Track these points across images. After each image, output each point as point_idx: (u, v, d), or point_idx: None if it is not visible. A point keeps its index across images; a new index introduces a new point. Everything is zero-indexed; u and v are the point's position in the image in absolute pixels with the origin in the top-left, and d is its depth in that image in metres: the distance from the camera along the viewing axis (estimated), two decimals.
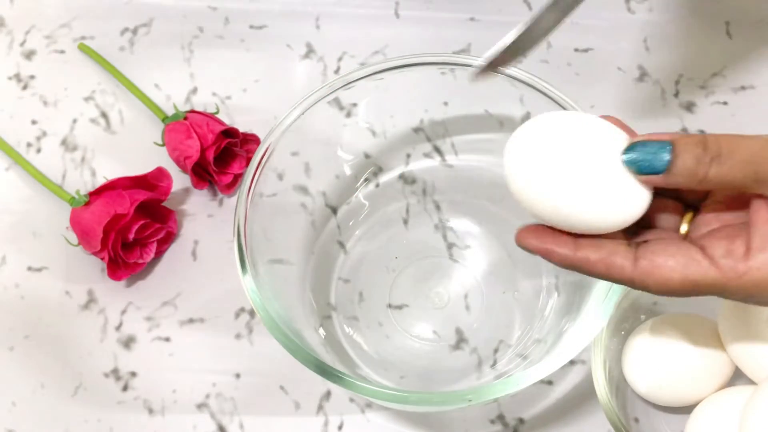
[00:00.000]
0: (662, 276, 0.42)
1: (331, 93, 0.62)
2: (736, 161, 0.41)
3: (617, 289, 0.54)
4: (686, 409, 0.58)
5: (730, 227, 0.43)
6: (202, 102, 0.74)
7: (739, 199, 0.44)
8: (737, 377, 0.59)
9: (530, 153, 0.44)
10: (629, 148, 0.43)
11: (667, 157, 0.41)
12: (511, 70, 0.60)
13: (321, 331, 0.63)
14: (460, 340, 0.64)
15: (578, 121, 0.44)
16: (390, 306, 0.65)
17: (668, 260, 0.42)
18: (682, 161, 0.41)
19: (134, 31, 0.77)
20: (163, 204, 0.68)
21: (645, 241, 0.44)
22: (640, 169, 0.42)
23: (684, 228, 0.45)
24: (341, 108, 0.63)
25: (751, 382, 0.57)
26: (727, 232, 0.43)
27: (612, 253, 0.43)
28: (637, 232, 0.46)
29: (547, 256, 0.44)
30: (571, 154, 0.43)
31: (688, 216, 0.45)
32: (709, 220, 0.45)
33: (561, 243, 0.44)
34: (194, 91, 0.74)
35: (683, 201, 0.46)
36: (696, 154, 0.41)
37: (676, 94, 0.73)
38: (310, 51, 0.76)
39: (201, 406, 0.64)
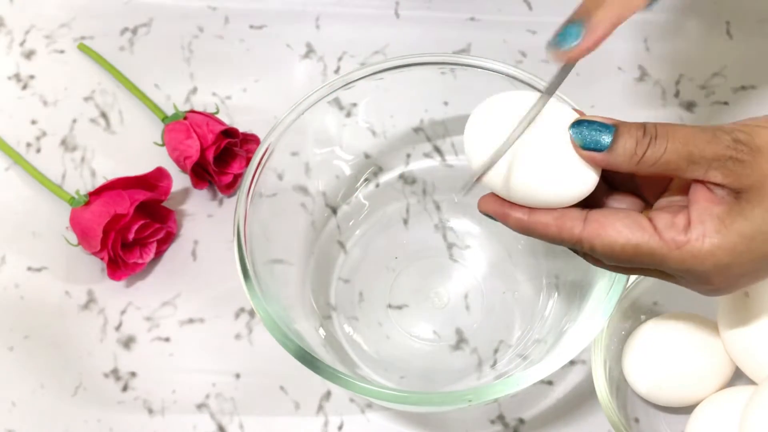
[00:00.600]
0: (608, 236, 0.44)
1: (331, 93, 0.62)
2: (671, 143, 0.43)
3: (617, 289, 0.54)
4: (686, 409, 0.58)
5: (677, 206, 0.45)
6: (202, 102, 0.74)
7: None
8: (737, 377, 0.58)
9: (486, 132, 0.46)
10: (576, 123, 0.45)
11: (609, 137, 0.44)
12: (511, 70, 0.60)
13: (321, 331, 0.63)
14: (460, 340, 0.64)
15: (530, 100, 0.46)
16: (390, 306, 0.65)
17: (616, 222, 0.44)
18: (623, 141, 0.44)
19: (134, 31, 0.77)
20: (163, 204, 0.68)
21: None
22: (584, 144, 0.45)
23: None
24: (341, 108, 0.63)
25: (751, 382, 0.57)
26: (672, 209, 0.45)
27: (563, 214, 0.45)
28: None
29: (504, 219, 0.47)
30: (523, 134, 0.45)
31: (646, 212, 0.46)
32: (661, 205, 0.47)
33: (516, 208, 0.46)
34: (194, 91, 0.74)
35: (642, 198, 0.48)
36: (636, 136, 0.44)
37: (676, 94, 0.73)
38: (310, 51, 0.76)
39: (201, 406, 0.64)
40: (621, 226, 0.44)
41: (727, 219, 0.42)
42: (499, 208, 0.47)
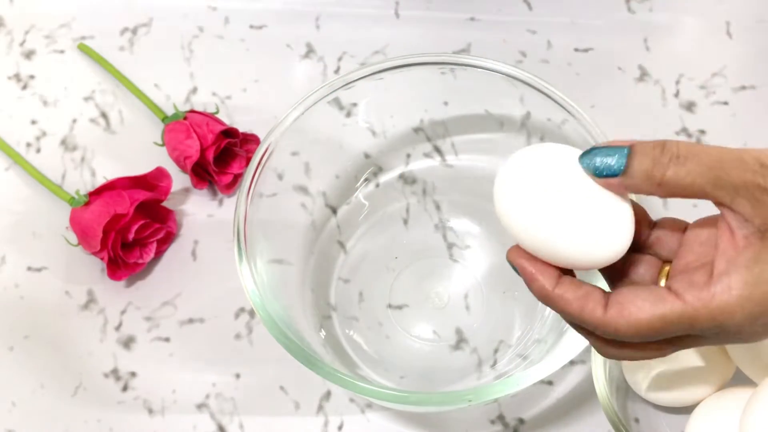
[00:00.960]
0: (631, 315, 0.41)
1: (331, 93, 0.62)
2: (696, 164, 0.40)
3: None
4: (686, 410, 0.58)
5: (693, 265, 0.43)
6: (202, 102, 0.74)
7: (706, 242, 0.44)
8: (737, 377, 0.58)
9: (516, 187, 0.44)
10: (587, 152, 0.43)
11: (623, 159, 0.41)
12: (511, 70, 0.60)
13: (321, 331, 0.63)
14: (460, 340, 0.64)
15: (566, 155, 0.44)
16: (390, 306, 0.65)
17: (636, 300, 0.42)
18: (638, 162, 0.41)
19: (134, 31, 0.77)
20: (163, 204, 0.68)
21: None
22: (596, 171, 0.42)
23: (662, 283, 0.45)
24: (341, 108, 0.63)
25: (751, 382, 0.57)
26: (690, 266, 0.43)
27: (588, 294, 0.43)
28: (615, 287, 0.46)
29: (530, 280, 0.44)
30: (556, 191, 0.43)
31: (665, 270, 0.45)
32: (682, 256, 0.44)
33: (546, 274, 0.44)
34: (194, 90, 0.74)
35: (660, 257, 0.46)
36: (653, 155, 0.41)
37: (676, 94, 0.73)
38: (310, 51, 0.76)
39: (201, 406, 0.64)
40: (641, 302, 0.41)
41: (756, 268, 0.40)
42: (530, 267, 0.44)
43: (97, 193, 0.67)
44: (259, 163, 0.60)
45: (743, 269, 0.40)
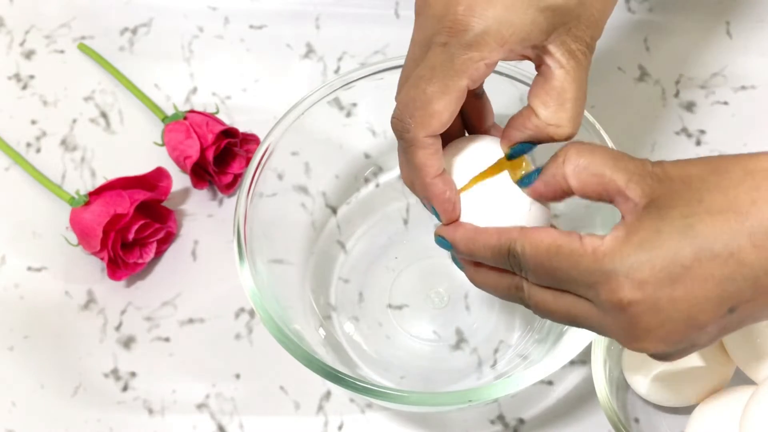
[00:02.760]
0: (539, 235, 0.44)
1: (331, 93, 0.62)
2: (599, 152, 0.45)
3: None
4: (686, 410, 0.58)
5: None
6: (202, 102, 0.74)
7: None
8: (737, 377, 0.58)
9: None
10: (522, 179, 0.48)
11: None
12: (511, 70, 0.60)
13: (321, 331, 0.63)
14: (460, 340, 0.64)
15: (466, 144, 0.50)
16: (390, 306, 0.65)
17: (551, 230, 0.45)
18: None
19: (134, 31, 0.77)
20: (163, 204, 0.68)
21: None
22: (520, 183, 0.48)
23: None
24: (341, 108, 0.63)
25: (751, 382, 0.57)
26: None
27: (507, 227, 0.47)
28: None
29: (452, 235, 0.48)
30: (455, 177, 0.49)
31: None
32: None
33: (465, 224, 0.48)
34: (194, 91, 0.74)
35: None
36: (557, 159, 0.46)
37: (676, 94, 0.73)
38: (310, 51, 0.76)
39: (201, 406, 0.64)
40: (554, 231, 0.44)
41: (637, 222, 0.42)
42: (451, 226, 0.48)
43: (97, 193, 0.67)
44: (259, 163, 0.60)
45: (626, 225, 0.43)
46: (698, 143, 0.71)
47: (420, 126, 0.47)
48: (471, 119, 0.52)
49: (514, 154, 0.49)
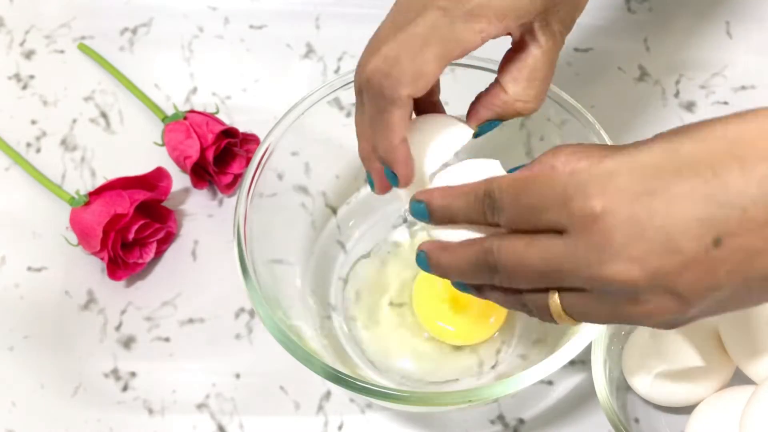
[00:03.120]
0: (516, 174, 0.44)
1: (331, 93, 0.62)
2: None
3: None
4: (686, 410, 0.58)
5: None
6: (202, 102, 0.74)
7: None
8: (737, 377, 0.58)
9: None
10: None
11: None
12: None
13: (321, 331, 0.63)
14: None
15: (431, 121, 0.50)
16: (390, 305, 0.65)
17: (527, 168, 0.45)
18: None
19: (134, 31, 0.77)
20: (163, 204, 0.68)
21: None
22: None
23: None
24: (341, 108, 0.63)
25: (751, 382, 0.57)
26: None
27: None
28: None
29: (429, 197, 0.47)
30: (421, 153, 0.49)
31: None
32: None
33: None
34: (194, 91, 0.74)
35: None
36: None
37: (676, 94, 0.73)
38: (310, 51, 0.76)
39: (201, 406, 0.64)
40: (535, 168, 0.44)
41: (616, 146, 0.42)
42: (428, 189, 0.47)
43: (97, 193, 0.67)
44: (259, 163, 0.60)
45: (610, 149, 0.42)
46: None
47: (408, 84, 0.45)
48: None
49: (481, 133, 0.49)
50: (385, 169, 0.49)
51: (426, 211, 0.47)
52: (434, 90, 0.52)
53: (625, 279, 0.39)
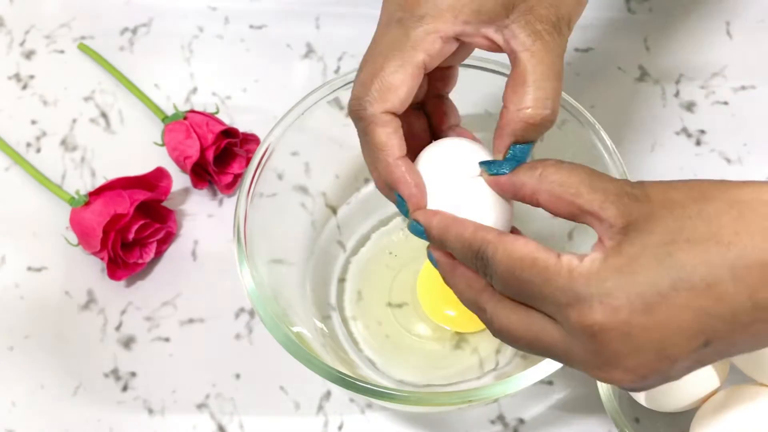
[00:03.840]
0: (515, 244, 0.43)
1: (331, 93, 0.62)
2: (576, 168, 0.44)
3: None
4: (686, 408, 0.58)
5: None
6: (202, 102, 0.74)
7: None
8: (737, 377, 0.58)
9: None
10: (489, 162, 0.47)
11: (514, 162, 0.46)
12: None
13: (321, 331, 0.63)
14: (461, 340, 0.64)
15: (452, 145, 0.49)
16: (390, 305, 0.65)
17: (530, 242, 0.43)
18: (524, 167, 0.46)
19: (134, 31, 0.77)
20: (163, 204, 0.68)
21: None
22: (489, 168, 0.47)
23: None
24: (341, 108, 0.63)
25: (752, 381, 0.57)
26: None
27: (484, 226, 0.45)
28: None
29: (428, 220, 0.47)
30: (438, 177, 0.47)
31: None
32: None
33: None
34: (194, 91, 0.74)
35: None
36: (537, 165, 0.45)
37: (676, 94, 0.73)
38: (310, 51, 0.76)
39: (201, 406, 0.64)
40: (533, 243, 0.42)
41: (616, 247, 0.41)
42: (429, 211, 0.47)
43: (97, 193, 0.67)
44: (259, 163, 0.60)
45: (604, 249, 0.41)
46: (698, 143, 0.71)
47: (378, 101, 0.46)
48: (434, 119, 0.51)
49: (518, 160, 0.47)
50: (396, 195, 0.48)
51: (425, 233, 0.47)
52: (443, 114, 0.51)
53: (620, 383, 0.42)
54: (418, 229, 0.47)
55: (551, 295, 0.41)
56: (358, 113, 0.47)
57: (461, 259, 0.45)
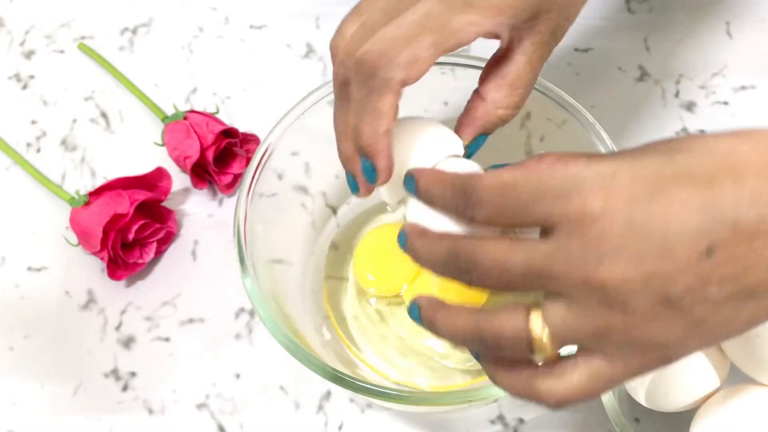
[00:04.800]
0: (501, 172, 0.41)
1: (331, 93, 0.61)
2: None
3: None
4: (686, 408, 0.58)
5: None
6: (202, 102, 0.74)
7: None
8: (733, 376, 0.58)
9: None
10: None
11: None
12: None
13: (321, 331, 0.63)
14: None
15: (423, 126, 0.49)
16: (390, 304, 0.65)
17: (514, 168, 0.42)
18: None
19: (134, 31, 0.77)
20: (163, 204, 0.68)
21: None
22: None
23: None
24: None
25: (751, 381, 0.57)
26: None
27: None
28: None
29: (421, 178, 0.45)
30: (410, 156, 0.48)
31: None
32: None
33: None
34: (194, 91, 0.74)
35: None
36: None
37: (676, 94, 0.73)
38: (310, 51, 0.76)
39: (201, 406, 0.64)
40: (520, 170, 0.40)
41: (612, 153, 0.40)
42: (421, 167, 0.46)
43: (97, 193, 0.67)
44: (259, 163, 0.60)
45: (606, 156, 0.40)
46: None
47: (403, 66, 0.44)
48: None
49: (472, 152, 0.48)
50: (363, 164, 0.47)
51: (414, 187, 0.45)
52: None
53: (621, 279, 0.38)
54: (411, 182, 0.45)
55: (546, 192, 0.39)
56: (375, 69, 0.45)
57: (446, 200, 0.43)
